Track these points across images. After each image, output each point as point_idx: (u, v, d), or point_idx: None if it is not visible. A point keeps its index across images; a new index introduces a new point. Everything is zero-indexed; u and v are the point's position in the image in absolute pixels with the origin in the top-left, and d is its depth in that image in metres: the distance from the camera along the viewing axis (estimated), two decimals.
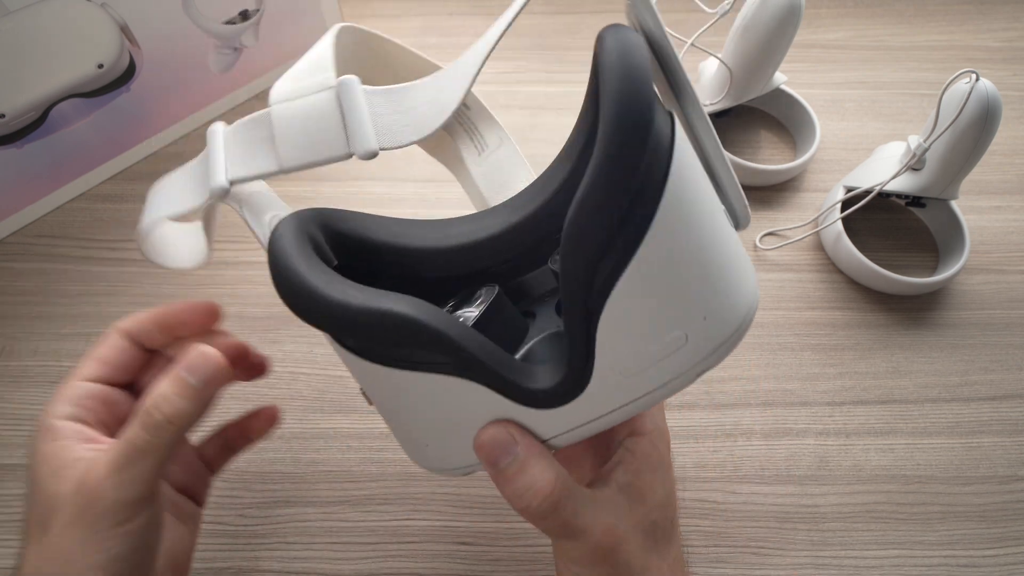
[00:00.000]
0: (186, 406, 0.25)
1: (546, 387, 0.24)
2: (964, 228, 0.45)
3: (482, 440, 0.24)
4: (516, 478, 0.24)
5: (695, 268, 0.22)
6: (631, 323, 0.22)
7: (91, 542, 0.24)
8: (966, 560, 0.36)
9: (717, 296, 0.23)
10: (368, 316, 0.22)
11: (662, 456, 0.28)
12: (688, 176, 0.21)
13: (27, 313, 0.44)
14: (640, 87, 0.20)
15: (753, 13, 0.44)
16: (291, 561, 0.36)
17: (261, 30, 0.50)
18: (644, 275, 0.21)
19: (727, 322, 0.23)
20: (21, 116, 0.42)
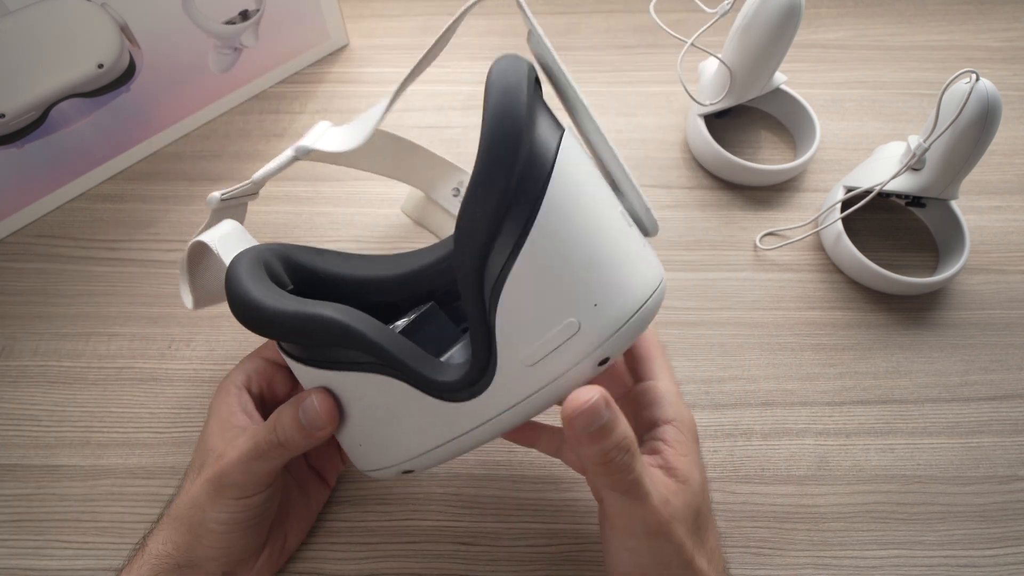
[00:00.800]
0: (297, 439, 0.29)
1: (455, 379, 0.26)
2: (964, 228, 0.45)
3: (575, 407, 0.24)
4: (606, 436, 0.25)
5: (580, 260, 0.24)
6: (525, 312, 0.24)
7: (217, 502, 0.30)
8: (966, 560, 0.36)
9: (606, 285, 0.25)
10: (297, 319, 0.26)
11: (689, 443, 0.29)
12: (573, 179, 0.24)
13: (27, 313, 0.44)
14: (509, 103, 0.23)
15: (753, 13, 0.44)
16: (291, 561, 0.36)
17: (261, 30, 0.50)
18: (532, 266, 0.24)
19: (621, 309, 0.25)
20: (21, 116, 0.42)
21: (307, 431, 0.29)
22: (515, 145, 0.22)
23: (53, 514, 0.37)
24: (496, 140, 0.22)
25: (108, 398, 0.41)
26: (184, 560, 0.31)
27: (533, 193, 0.23)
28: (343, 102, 0.53)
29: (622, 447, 0.25)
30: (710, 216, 0.48)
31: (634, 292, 0.25)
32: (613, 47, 0.57)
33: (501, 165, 0.22)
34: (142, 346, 0.42)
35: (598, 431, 0.25)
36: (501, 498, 0.38)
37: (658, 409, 0.30)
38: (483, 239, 0.23)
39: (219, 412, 0.33)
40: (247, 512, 0.30)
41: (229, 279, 0.27)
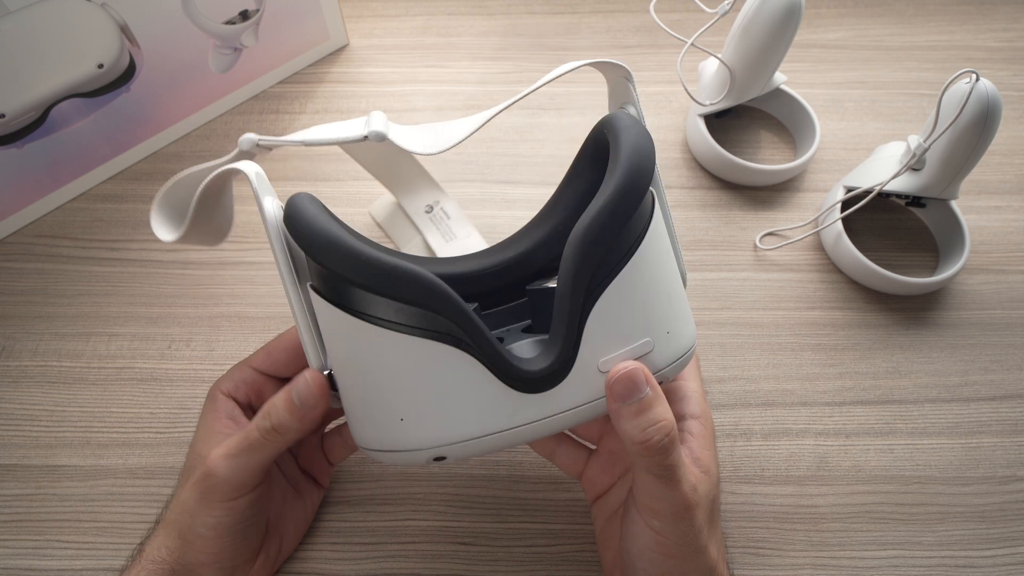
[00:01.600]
0: (290, 421, 0.29)
1: (535, 368, 0.26)
2: (964, 228, 0.45)
3: (618, 375, 0.26)
4: (644, 412, 0.26)
5: (665, 290, 0.28)
6: (613, 322, 0.27)
7: (205, 506, 0.30)
8: (965, 560, 0.37)
9: (676, 319, 0.29)
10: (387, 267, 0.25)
11: (712, 438, 0.32)
12: (661, 228, 0.29)
13: (27, 313, 0.44)
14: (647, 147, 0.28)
15: (753, 13, 0.44)
16: (291, 561, 0.36)
17: (261, 30, 0.50)
18: (630, 284, 0.27)
19: (682, 342, 0.29)
20: (21, 116, 0.42)
21: (300, 411, 0.28)
22: (645, 185, 0.27)
23: (53, 514, 0.37)
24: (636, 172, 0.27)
25: (108, 398, 0.41)
26: (179, 566, 0.31)
27: (640, 228, 0.28)
28: (343, 102, 0.53)
29: (662, 428, 0.26)
30: (710, 216, 0.48)
31: (692, 332, 0.30)
32: (613, 47, 0.57)
33: (636, 192, 0.27)
34: (142, 346, 0.42)
35: (638, 405, 0.26)
36: (501, 498, 0.38)
37: (685, 405, 0.32)
38: (603, 250, 0.26)
39: (205, 419, 0.33)
40: (234, 516, 0.30)
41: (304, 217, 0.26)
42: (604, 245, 0.26)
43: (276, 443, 0.29)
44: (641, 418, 0.26)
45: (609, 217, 0.26)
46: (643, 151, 0.28)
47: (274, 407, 0.29)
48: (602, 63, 0.32)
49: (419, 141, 0.31)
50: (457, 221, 0.45)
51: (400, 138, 0.30)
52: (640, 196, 0.27)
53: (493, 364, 0.26)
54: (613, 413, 0.27)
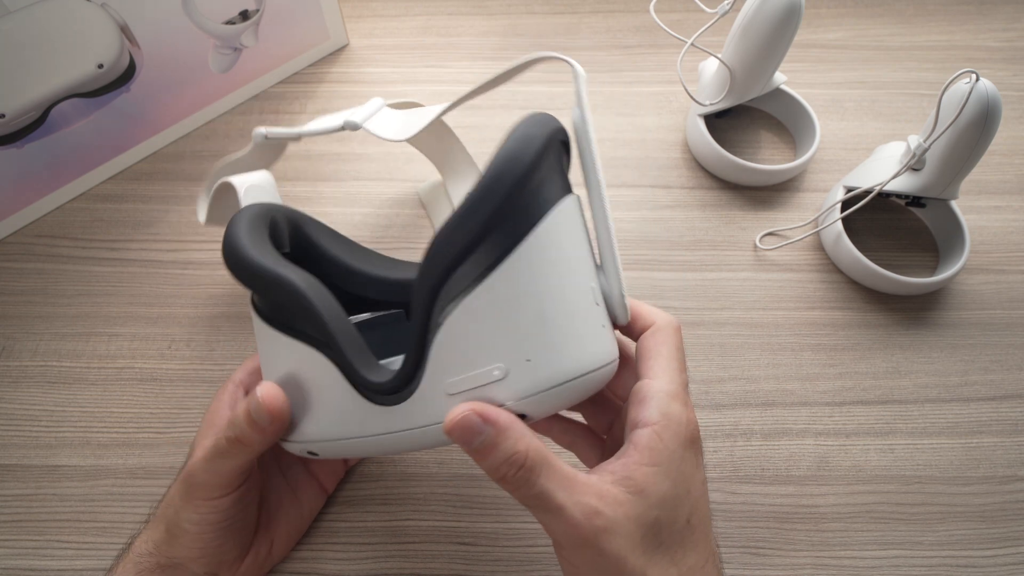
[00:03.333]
0: (250, 434, 0.28)
1: (379, 381, 0.26)
2: (964, 228, 0.45)
3: (450, 425, 0.24)
4: (491, 452, 0.24)
5: (530, 313, 0.24)
6: (462, 343, 0.25)
7: (188, 502, 0.30)
8: (965, 560, 0.36)
9: (545, 346, 0.24)
10: (263, 272, 0.27)
11: (670, 450, 0.26)
12: (554, 240, 0.25)
13: (27, 313, 0.44)
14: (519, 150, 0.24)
15: (753, 13, 0.44)
16: (291, 561, 0.36)
17: (261, 30, 0.50)
18: (484, 302, 0.24)
19: (550, 374, 0.25)
20: (21, 116, 0.42)
21: (259, 425, 0.28)
22: (507, 188, 0.24)
23: (53, 514, 0.37)
24: (495, 178, 0.24)
25: (108, 398, 0.41)
26: (165, 560, 0.31)
27: (514, 236, 0.24)
28: (343, 102, 0.53)
29: (513, 462, 0.24)
30: (710, 216, 0.48)
31: (571, 363, 0.25)
32: (613, 47, 0.57)
33: (491, 200, 0.23)
34: (142, 346, 0.42)
35: (482, 447, 0.24)
36: (501, 498, 0.38)
37: (642, 410, 0.27)
38: (453, 256, 0.24)
39: (209, 411, 0.33)
40: (218, 513, 0.30)
41: (231, 221, 0.29)
42: (448, 259, 0.24)
43: (242, 453, 0.29)
44: (491, 458, 0.24)
45: (455, 226, 0.24)
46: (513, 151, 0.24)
47: (236, 418, 0.28)
48: (551, 58, 0.31)
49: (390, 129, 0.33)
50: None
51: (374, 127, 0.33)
52: (498, 198, 0.23)
53: (345, 372, 0.27)
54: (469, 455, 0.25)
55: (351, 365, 0.27)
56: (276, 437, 0.29)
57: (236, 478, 0.30)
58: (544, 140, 0.25)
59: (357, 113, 0.35)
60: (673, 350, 0.28)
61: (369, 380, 0.26)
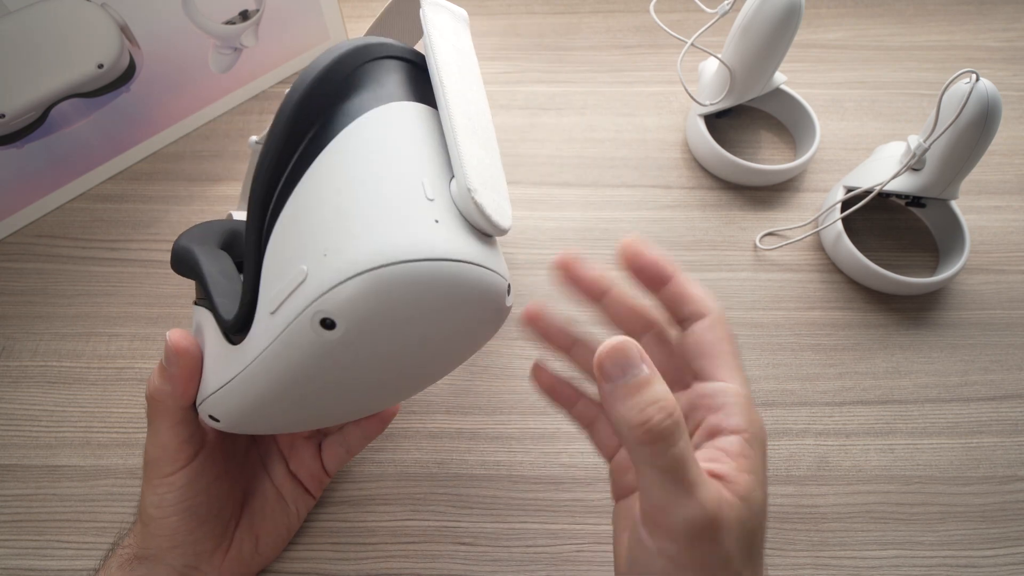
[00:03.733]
0: (161, 384, 0.29)
1: (228, 319, 0.26)
2: (964, 228, 0.45)
3: (607, 348, 0.22)
4: (641, 390, 0.22)
5: (332, 207, 0.22)
6: (279, 256, 0.23)
7: (148, 487, 0.30)
8: (965, 560, 0.36)
9: (343, 235, 0.22)
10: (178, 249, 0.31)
11: (759, 458, 0.25)
12: (366, 139, 0.23)
13: (27, 313, 0.44)
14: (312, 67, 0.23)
15: (753, 13, 0.44)
16: (291, 561, 0.36)
17: (261, 30, 0.50)
18: (293, 213, 0.23)
19: (348, 261, 0.21)
20: (21, 116, 0.42)
21: (168, 372, 0.28)
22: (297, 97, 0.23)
23: (53, 514, 0.37)
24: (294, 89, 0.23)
25: (108, 398, 0.41)
26: (142, 552, 0.31)
27: (318, 144, 0.23)
28: None
29: (664, 408, 0.21)
30: (710, 216, 0.48)
31: (376, 248, 0.21)
32: (613, 47, 0.57)
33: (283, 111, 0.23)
34: (142, 346, 0.42)
35: (635, 382, 0.22)
36: (501, 498, 0.38)
37: (724, 416, 0.25)
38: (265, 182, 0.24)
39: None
40: (174, 491, 0.30)
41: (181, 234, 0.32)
42: (260, 186, 0.24)
43: (162, 411, 0.29)
44: (639, 396, 0.22)
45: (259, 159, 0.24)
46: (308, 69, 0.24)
47: (150, 376, 0.29)
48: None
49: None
50: None
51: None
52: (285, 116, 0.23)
53: (213, 314, 0.27)
54: (605, 397, 0.22)
55: (214, 306, 0.27)
56: (186, 386, 0.28)
57: (179, 448, 0.30)
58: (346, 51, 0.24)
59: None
60: (733, 346, 0.27)
61: (223, 319, 0.26)
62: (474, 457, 0.39)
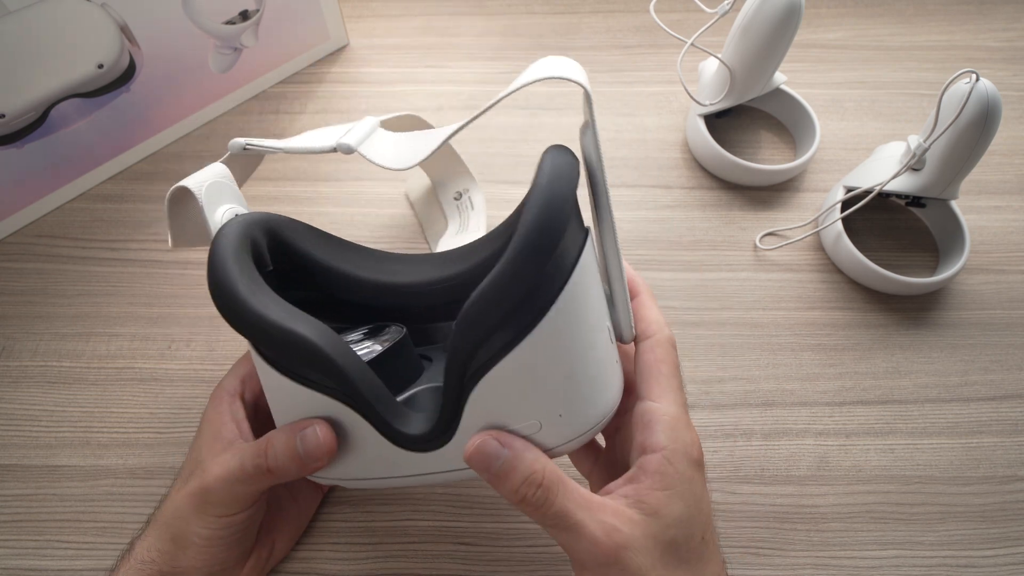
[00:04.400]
0: (290, 466, 0.28)
1: (414, 434, 0.27)
2: (964, 228, 0.45)
3: (470, 453, 0.26)
4: (509, 475, 0.25)
5: (562, 371, 0.25)
6: (497, 403, 0.26)
7: (200, 517, 0.30)
8: (965, 560, 0.36)
9: (576, 401, 0.26)
10: (279, 332, 0.25)
11: (680, 473, 0.27)
12: (581, 293, 0.25)
13: (27, 313, 0.44)
14: (559, 209, 0.23)
15: (753, 13, 0.44)
16: (291, 561, 0.36)
17: (261, 30, 0.50)
18: (519, 366, 0.25)
19: (580, 424, 0.26)
20: (21, 116, 0.42)
21: (303, 462, 0.28)
22: (547, 256, 0.23)
23: (53, 514, 0.37)
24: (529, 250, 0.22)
25: (108, 398, 0.41)
26: (168, 568, 0.31)
27: (546, 298, 0.24)
28: (343, 102, 0.53)
29: (531, 482, 0.25)
30: (710, 216, 0.48)
31: (598, 409, 0.27)
32: (613, 47, 0.57)
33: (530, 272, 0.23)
34: (142, 346, 0.42)
35: (501, 471, 0.25)
36: (501, 498, 0.38)
37: (650, 435, 0.27)
38: (489, 328, 0.24)
39: (210, 421, 0.33)
40: (230, 529, 0.30)
41: (212, 259, 0.27)
42: (483, 329, 0.24)
43: (271, 481, 0.29)
44: (508, 482, 0.25)
45: (490, 298, 0.23)
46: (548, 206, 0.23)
47: (274, 449, 0.28)
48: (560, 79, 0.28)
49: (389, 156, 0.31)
50: (477, 215, 0.45)
51: (370, 151, 0.30)
52: (534, 269, 0.22)
53: (374, 423, 0.27)
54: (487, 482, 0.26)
55: (382, 419, 0.27)
56: (312, 472, 0.29)
57: (253, 498, 0.30)
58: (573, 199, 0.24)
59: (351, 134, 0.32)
60: (672, 368, 0.29)
61: (403, 432, 0.27)
62: None
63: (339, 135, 0.31)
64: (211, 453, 0.31)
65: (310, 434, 0.28)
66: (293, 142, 0.33)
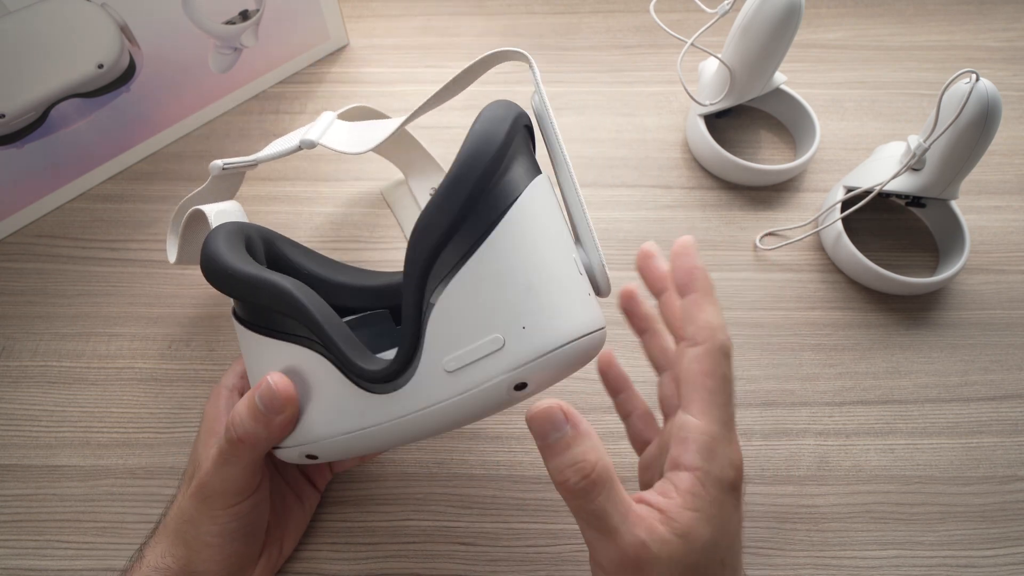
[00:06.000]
0: (256, 429, 0.28)
1: (377, 368, 0.26)
2: (964, 228, 0.45)
3: (534, 412, 0.24)
4: (562, 452, 0.24)
5: (520, 282, 0.25)
6: (456, 319, 0.25)
7: (207, 515, 0.30)
8: (965, 560, 0.36)
9: (538, 312, 0.25)
10: (250, 279, 0.28)
11: (711, 496, 0.25)
12: (531, 215, 0.26)
13: (27, 313, 0.44)
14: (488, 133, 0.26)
15: (753, 13, 0.44)
16: (291, 561, 0.36)
17: (261, 30, 0.50)
18: (474, 277, 0.25)
19: (546, 338, 0.25)
20: (21, 116, 0.42)
21: (267, 418, 0.28)
22: (481, 169, 0.25)
23: (53, 514, 0.37)
24: (467, 162, 0.25)
25: (108, 398, 0.41)
26: (184, 574, 0.31)
27: (492, 215, 0.25)
28: (343, 102, 0.53)
29: (579, 469, 0.24)
30: (710, 216, 0.48)
31: (565, 327, 0.26)
32: (613, 47, 0.57)
33: (467, 182, 0.25)
34: (142, 346, 0.42)
35: (556, 444, 0.24)
36: (501, 498, 0.38)
37: (683, 451, 0.26)
38: (436, 239, 0.25)
39: (206, 419, 0.33)
40: (238, 520, 0.30)
41: (208, 238, 0.30)
42: (432, 241, 0.25)
43: (247, 453, 0.29)
44: (559, 458, 0.24)
45: (436, 210, 0.25)
46: (482, 136, 0.25)
47: (239, 416, 0.28)
48: (503, 52, 0.31)
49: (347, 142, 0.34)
50: None
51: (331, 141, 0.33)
52: (471, 181, 0.25)
53: (339, 362, 0.27)
54: (539, 451, 0.25)
55: (347, 356, 0.27)
56: (281, 431, 0.28)
57: (249, 481, 0.30)
58: (511, 122, 0.26)
59: (312, 130, 0.35)
60: (719, 382, 0.26)
61: (366, 369, 0.27)
62: (474, 457, 0.39)
63: (302, 134, 0.34)
64: (205, 449, 0.31)
65: (264, 387, 0.27)
66: (263, 152, 0.36)
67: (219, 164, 0.37)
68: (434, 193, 0.25)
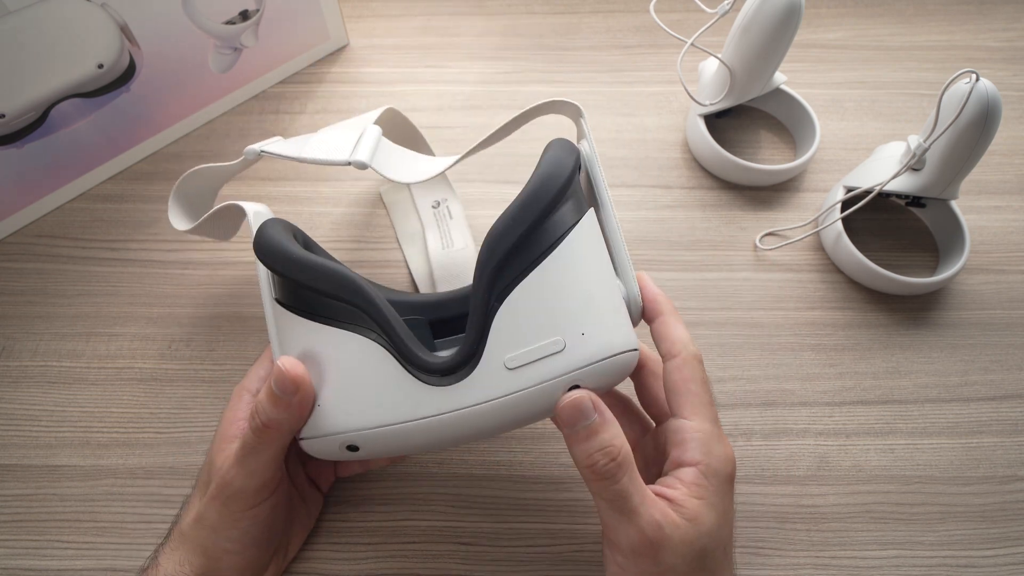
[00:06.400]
0: (276, 413, 0.28)
1: (437, 362, 0.28)
2: (964, 228, 0.45)
3: (565, 403, 0.27)
4: (591, 437, 0.26)
5: (580, 293, 0.28)
6: (522, 319, 0.28)
7: (228, 518, 0.30)
8: (965, 560, 0.37)
9: (595, 324, 0.28)
10: (313, 264, 0.29)
11: (714, 486, 0.28)
12: (586, 241, 0.30)
13: (27, 313, 0.44)
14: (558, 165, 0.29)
15: (753, 13, 0.44)
16: (292, 561, 0.36)
17: (261, 30, 0.50)
18: (541, 283, 0.28)
19: (601, 346, 0.28)
20: (21, 116, 0.42)
21: (283, 399, 0.28)
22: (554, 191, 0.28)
23: (53, 514, 0.37)
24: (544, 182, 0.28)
25: (108, 398, 0.41)
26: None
27: (557, 232, 0.29)
28: (343, 102, 0.53)
29: (608, 453, 0.26)
30: (710, 216, 0.48)
31: (617, 340, 0.28)
32: (613, 47, 0.57)
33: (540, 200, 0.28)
34: (142, 346, 0.42)
35: (584, 431, 0.26)
36: (501, 498, 0.38)
37: (684, 451, 0.28)
38: (509, 245, 0.27)
39: (223, 423, 0.33)
40: (257, 525, 0.30)
41: (267, 224, 0.31)
42: (507, 245, 0.27)
43: (273, 440, 0.29)
44: (588, 443, 0.26)
45: (512, 220, 0.27)
46: (556, 163, 0.29)
47: (260, 403, 0.28)
48: (556, 103, 0.34)
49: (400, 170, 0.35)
50: (458, 225, 0.45)
51: (382, 166, 0.34)
52: (546, 200, 0.28)
53: (399, 352, 0.28)
54: (565, 439, 0.27)
55: (406, 345, 0.28)
56: (302, 413, 0.29)
57: (273, 475, 0.30)
58: (575, 158, 0.30)
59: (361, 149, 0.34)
60: (701, 385, 0.30)
61: (427, 360, 0.28)
62: (474, 457, 0.39)
63: (349, 146, 0.34)
64: (220, 453, 0.31)
65: (276, 371, 0.28)
66: (306, 151, 0.35)
67: (256, 149, 0.36)
68: (508, 206, 0.28)
